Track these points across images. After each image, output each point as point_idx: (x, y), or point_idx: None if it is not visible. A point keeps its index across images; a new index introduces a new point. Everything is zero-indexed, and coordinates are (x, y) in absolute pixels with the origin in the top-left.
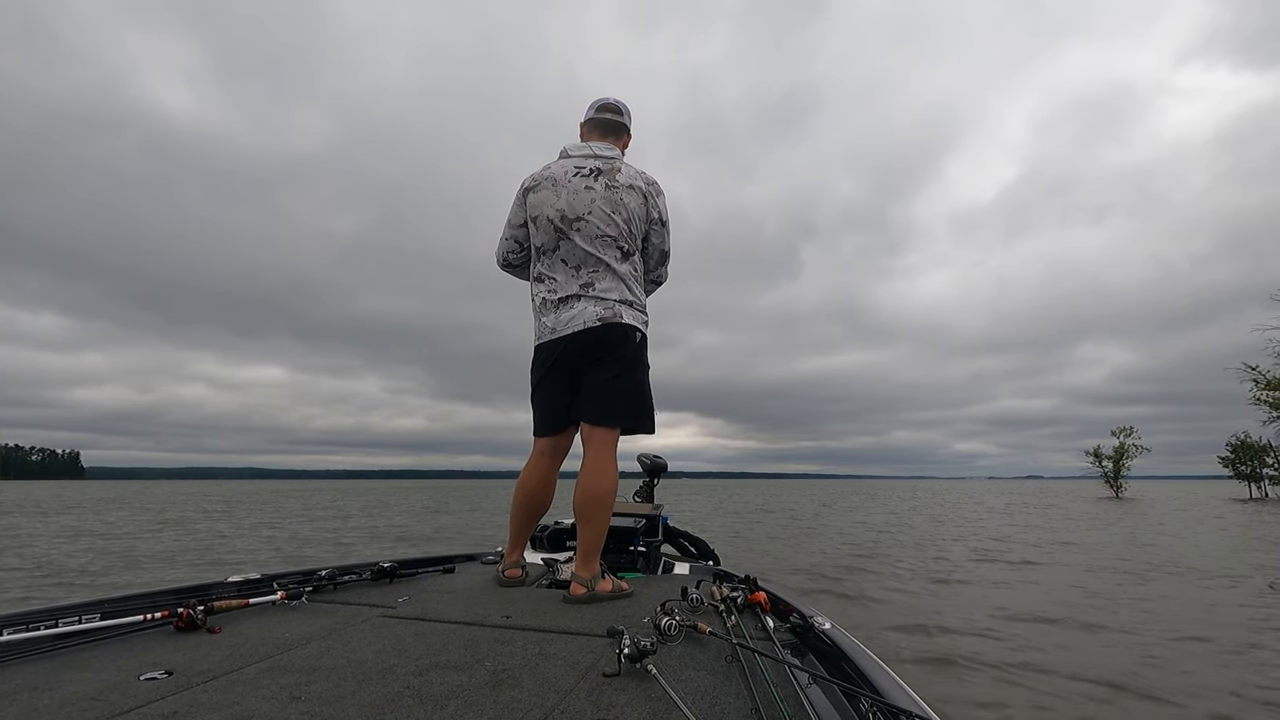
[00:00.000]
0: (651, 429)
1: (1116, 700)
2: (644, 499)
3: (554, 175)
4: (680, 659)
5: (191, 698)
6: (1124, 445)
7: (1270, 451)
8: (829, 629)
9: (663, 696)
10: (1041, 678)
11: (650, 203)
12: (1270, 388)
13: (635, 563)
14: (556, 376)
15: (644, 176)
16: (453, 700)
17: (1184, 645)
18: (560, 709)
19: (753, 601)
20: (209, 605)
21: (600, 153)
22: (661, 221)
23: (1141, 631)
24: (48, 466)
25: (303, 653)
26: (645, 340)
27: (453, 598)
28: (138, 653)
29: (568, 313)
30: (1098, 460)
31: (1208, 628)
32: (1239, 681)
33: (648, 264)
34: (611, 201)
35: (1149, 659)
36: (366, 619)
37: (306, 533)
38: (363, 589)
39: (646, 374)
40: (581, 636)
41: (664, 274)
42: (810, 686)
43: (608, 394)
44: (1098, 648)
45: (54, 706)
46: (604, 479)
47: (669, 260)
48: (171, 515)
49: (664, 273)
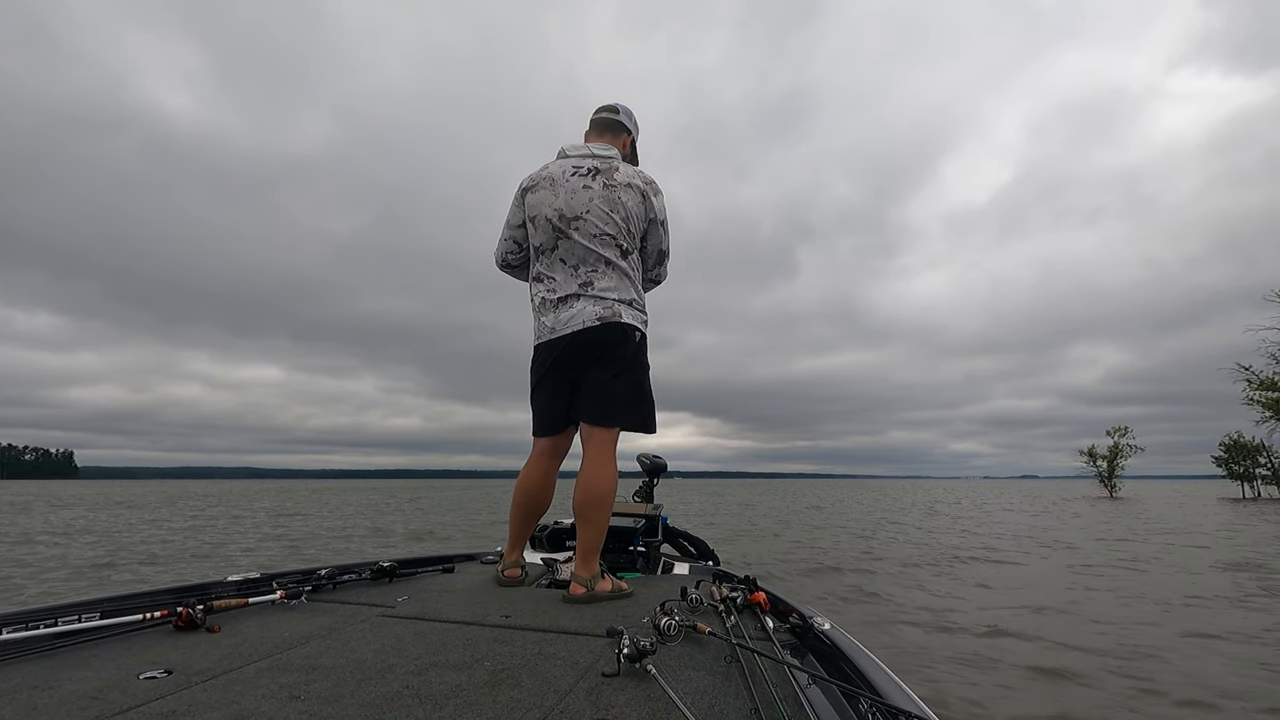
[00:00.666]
0: (652, 429)
1: (1115, 700)
2: (643, 499)
3: (552, 175)
4: (680, 659)
5: (191, 697)
6: (1118, 445)
7: (1263, 451)
8: (828, 629)
9: (662, 696)
10: (1038, 676)
11: (648, 202)
12: (1263, 388)
13: (635, 563)
14: (556, 376)
15: (642, 176)
16: (452, 700)
17: (1186, 642)
18: (559, 709)
19: (752, 602)
20: (208, 604)
21: (598, 152)
22: (659, 221)
23: (1137, 629)
24: (41, 466)
25: (302, 652)
26: (645, 340)
27: (452, 597)
28: (137, 652)
29: (567, 312)
30: (1092, 460)
31: (1209, 627)
32: (1245, 683)
33: (646, 263)
34: (610, 200)
35: (1145, 656)
36: (366, 618)
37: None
38: (362, 588)
39: (647, 373)
40: (581, 636)
41: (663, 273)
42: (810, 687)
43: (607, 394)
44: (1097, 648)
45: (53, 705)
46: (603, 479)
47: (668, 259)
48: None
49: (663, 272)
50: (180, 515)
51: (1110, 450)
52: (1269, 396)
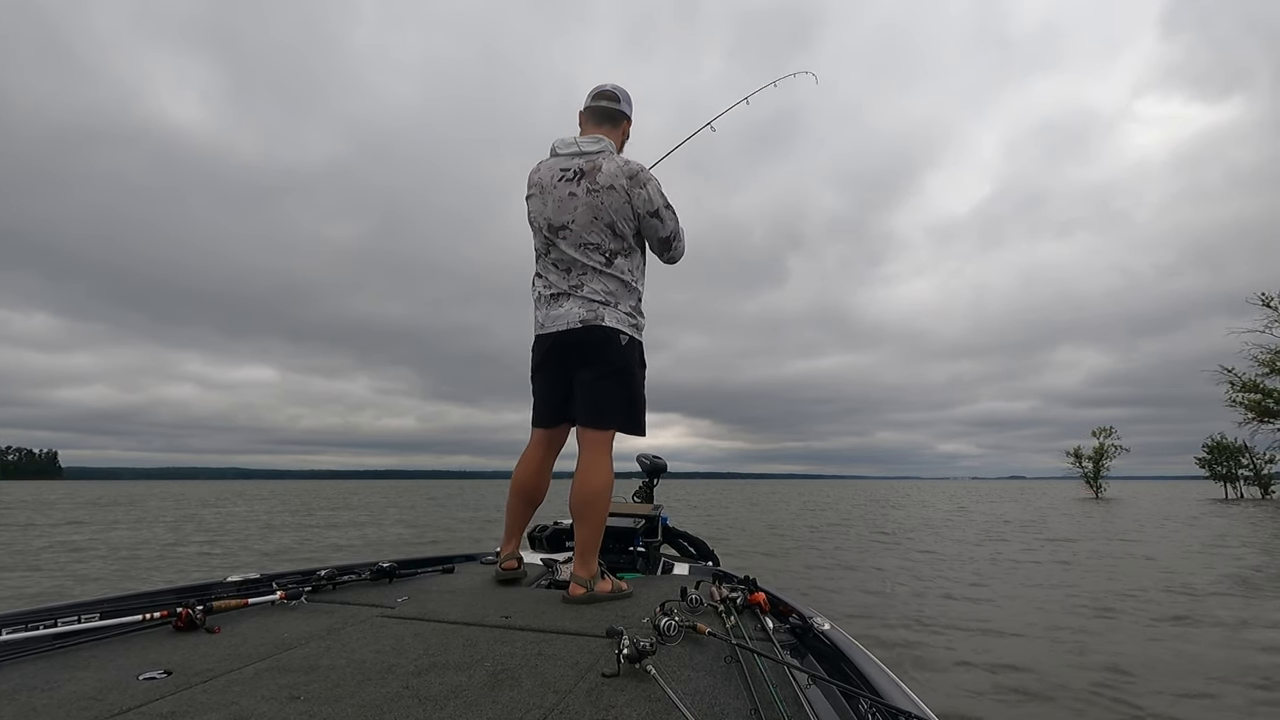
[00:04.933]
0: (640, 431)
1: (1110, 697)
2: (643, 499)
3: (542, 181)
4: (679, 659)
5: (190, 697)
6: (1103, 446)
7: (1246, 453)
8: (828, 630)
9: (662, 697)
10: (1030, 674)
11: (634, 197)
12: (1246, 390)
13: (634, 563)
14: (550, 371)
15: (626, 170)
16: (452, 700)
17: (1177, 641)
18: (559, 709)
19: (752, 602)
20: (208, 605)
21: (586, 148)
22: (651, 212)
23: (1135, 630)
24: (24, 466)
25: (302, 652)
26: (634, 343)
27: (452, 598)
28: (137, 652)
29: (557, 310)
30: (1078, 461)
31: (1207, 623)
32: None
33: (651, 251)
34: (593, 207)
35: (1142, 656)
36: (366, 619)
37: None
38: (362, 589)
39: (635, 376)
40: (581, 637)
41: (676, 255)
42: (809, 687)
43: (595, 395)
44: (1094, 646)
45: (53, 706)
46: (597, 478)
47: (676, 240)
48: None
49: (675, 254)
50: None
51: (1095, 451)
52: (1251, 398)
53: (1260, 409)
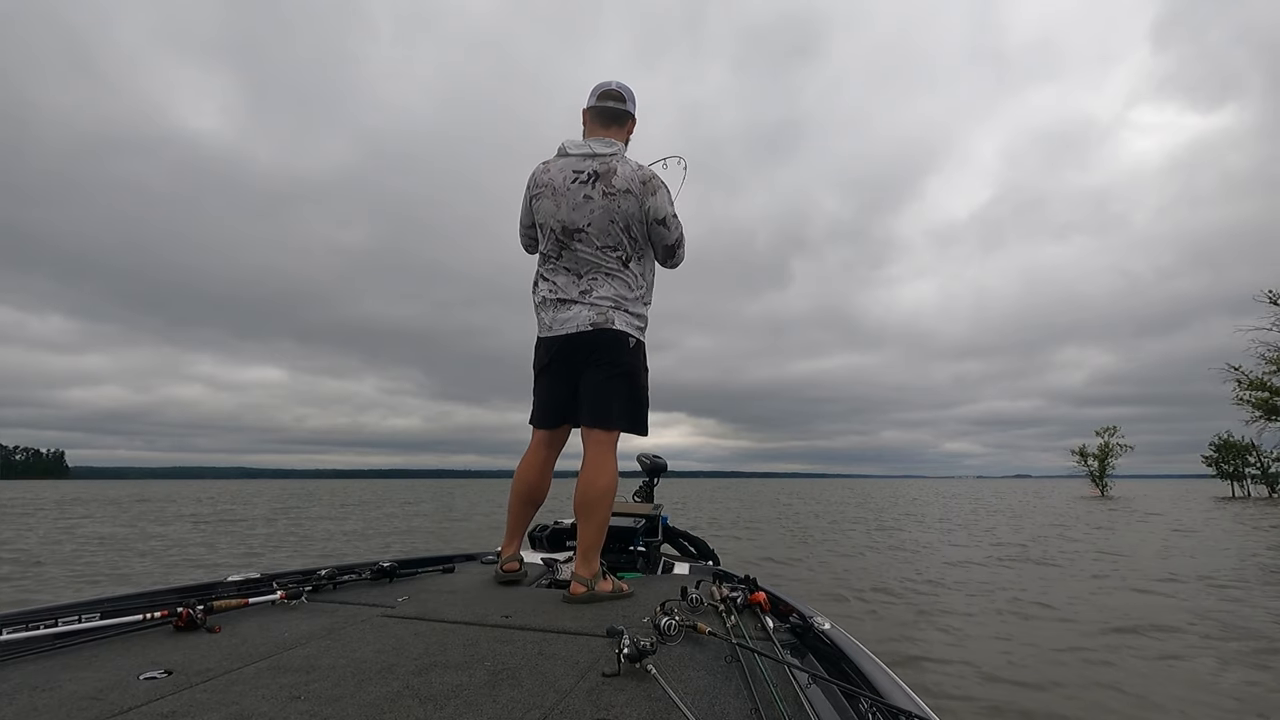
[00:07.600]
0: (643, 431)
1: (1113, 694)
2: (644, 499)
3: (553, 182)
4: (680, 659)
5: (191, 697)
6: (1108, 444)
7: (1253, 451)
8: (829, 629)
9: (662, 696)
10: (1027, 675)
11: (645, 204)
12: (1253, 388)
13: (635, 563)
14: (555, 373)
15: (640, 175)
16: (452, 700)
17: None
18: (560, 709)
19: (752, 602)
20: (209, 605)
21: (599, 150)
22: (659, 220)
23: (1146, 632)
24: (31, 466)
25: (302, 652)
26: (641, 345)
27: (452, 597)
28: (137, 652)
29: (565, 313)
30: (1083, 459)
31: (1209, 625)
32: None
33: (655, 257)
34: (609, 210)
35: (1148, 658)
36: (366, 619)
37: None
38: (362, 589)
39: (640, 378)
40: (581, 636)
41: (677, 261)
42: (810, 687)
43: (602, 396)
44: (1093, 644)
45: (53, 705)
46: (602, 478)
47: (679, 248)
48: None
49: (677, 260)
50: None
51: (1100, 450)
52: (1258, 396)
53: (1268, 406)
